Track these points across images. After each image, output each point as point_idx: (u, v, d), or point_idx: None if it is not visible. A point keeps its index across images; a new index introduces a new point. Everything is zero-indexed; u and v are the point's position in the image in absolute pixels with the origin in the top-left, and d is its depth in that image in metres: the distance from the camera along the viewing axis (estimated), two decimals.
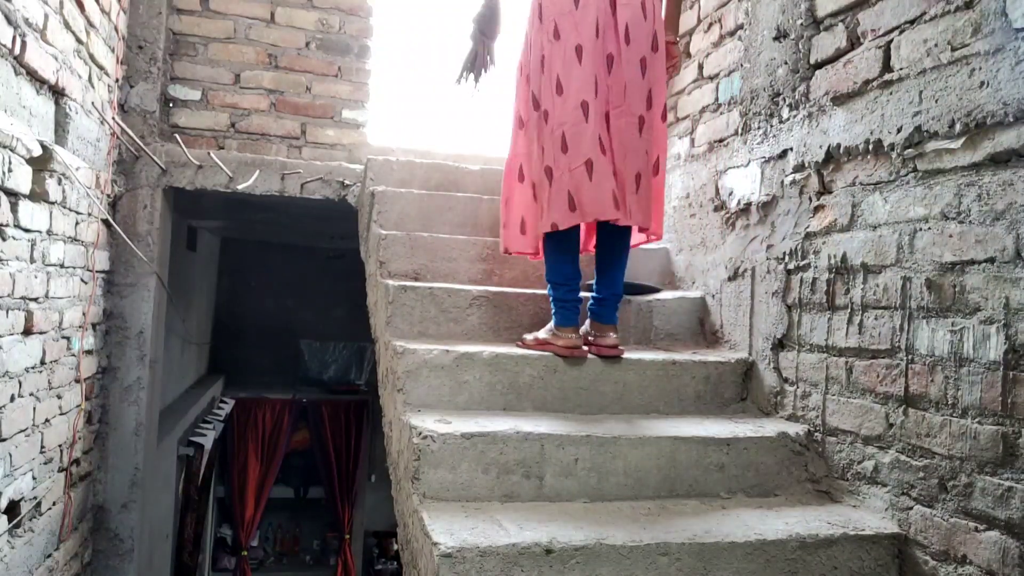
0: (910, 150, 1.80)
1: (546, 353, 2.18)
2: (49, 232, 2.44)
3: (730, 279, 2.54)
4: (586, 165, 2.14)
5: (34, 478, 2.48)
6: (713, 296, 2.65)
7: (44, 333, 2.48)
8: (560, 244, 2.24)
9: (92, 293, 2.96)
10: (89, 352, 3.00)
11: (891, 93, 1.87)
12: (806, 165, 2.18)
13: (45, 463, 2.58)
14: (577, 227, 2.24)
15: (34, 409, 2.44)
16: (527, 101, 2.28)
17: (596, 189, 2.13)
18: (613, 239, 2.31)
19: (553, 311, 2.27)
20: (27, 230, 2.26)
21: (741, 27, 2.60)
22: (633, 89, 2.21)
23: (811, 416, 2.12)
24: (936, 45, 1.74)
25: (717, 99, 2.76)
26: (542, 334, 2.27)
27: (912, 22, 1.82)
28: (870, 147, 1.92)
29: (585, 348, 2.22)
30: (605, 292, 2.30)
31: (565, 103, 2.17)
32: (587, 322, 2.32)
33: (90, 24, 2.72)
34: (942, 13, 1.73)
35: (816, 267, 2.12)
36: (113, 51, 3.09)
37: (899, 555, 1.77)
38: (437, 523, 1.63)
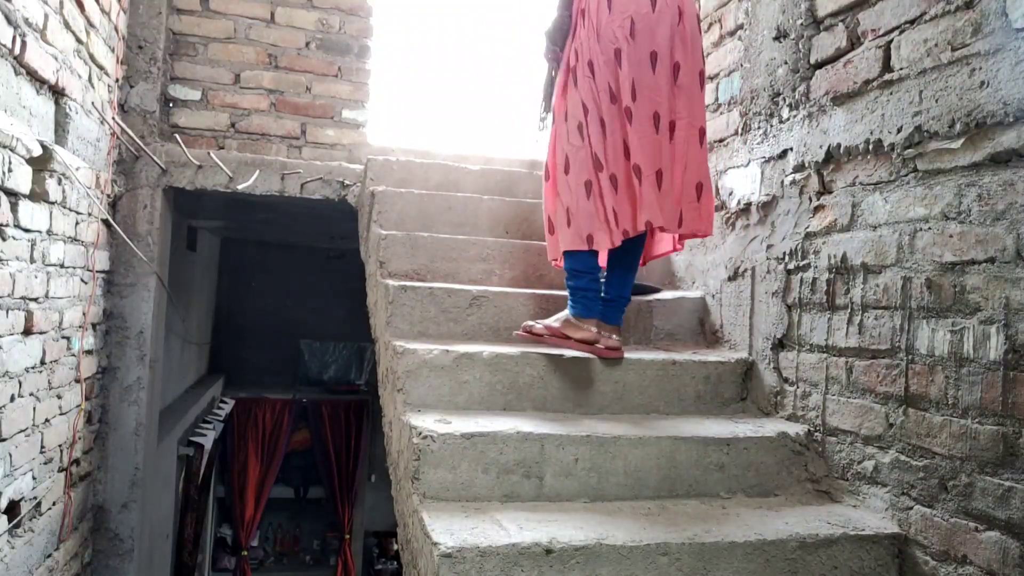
0: (910, 150, 1.80)
1: (545, 351, 2.18)
2: (49, 232, 2.44)
3: (730, 279, 2.54)
4: (656, 175, 2.11)
5: (34, 478, 2.48)
6: (713, 296, 2.65)
7: (44, 333, 2.48)
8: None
9: (92, 293, 2.96)
10: (89, 352, 3.00)
11: (891, 93, 1.87)
12: (806, 165, 2.18)
13: (45, 463, 2.58)
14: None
15: (34, 409, 2.44)
16: (598, 94, 2.15)
17: (665, 199, 2.11)
18: (630, 241, 2.23)
19: (571, 300, 2.21)
20: (27, 230, 2.26)
21: (741, 27, 2.60)
22: (696, 101, 2.19)
23: (811, 416, 2.12)
24: (936, 45, 1.74)
25: (717, 99, 2.76)
26: (555, 323, 2.19)
27: (912, 22, 1.82)
28: (870, 147, 1.92)
29: (601, 344, 2.18)
30: (613, 293, 2.27)
31: (638, 108, 2.11)
32: (570, 316, 2.26)
33: (90, 24, 2.72)
34: (942, 13, 1.73)
35: (816, 267, 2.12)
36: (113, 51, 3.09)
37: (899, 555, 1.77)
38: (437, 523, 1.63)
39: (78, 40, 2.61)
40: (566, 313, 2.21)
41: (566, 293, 2.56)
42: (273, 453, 6.92)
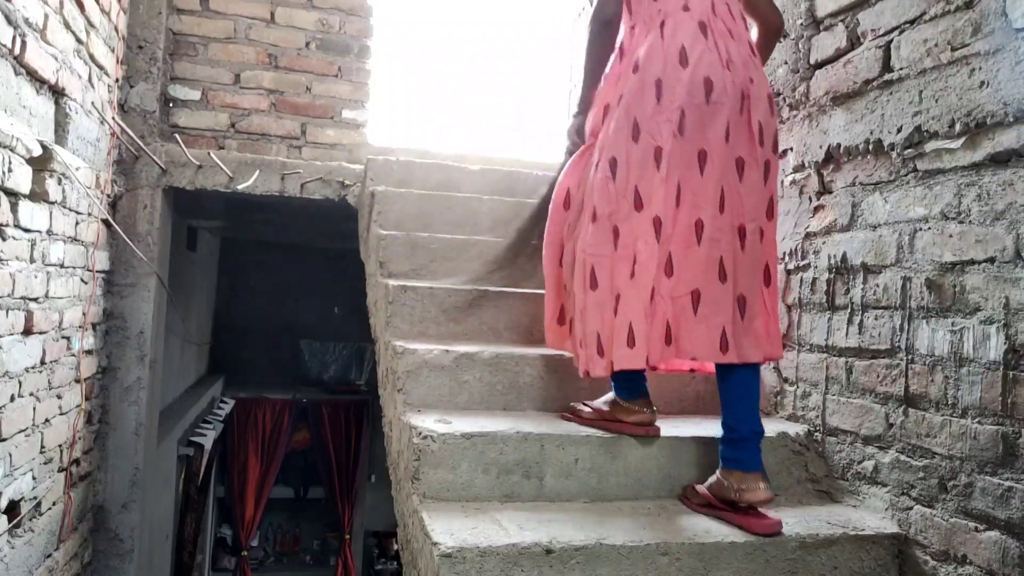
0: (910, 150, 1.80)
1: (546, 352, 2.18)
2: (49, 232, 2.44)
3: None
4: (692, 296, 1.80)
5: (34, 478, 2.47)
6: None
7: (44, 333, 2.48)
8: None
9: (92, 293, 2.96)
10: (89, 352, 3.00)
11: (891, 93, 1.87)
12: (806, 165, 2.18)
13: (45, 463, 2.58)
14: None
15: (34, 409, 2.44)
16: (619, 196, 1.80)
17: (702, 325, 1.79)
18: (743, 367, 1.84)
19: (614, 385, 1.95)
20: (27, 230, 2.26)
21: None
22: (756, 198, 1.84)
23: (811, 416, 2.12)
24: (936, 45, 1.74)
25: None
26: (604, 406, 1.94)
27: (912, 22, 1.82)
28: (870, 147, 1.92)
29: (658, 425, 1.90)
30: (746, 430, 1.78)
31: (680, 216, 1.79)
32: (717, 472, 1.80)
33: (90, 24, 2.72)
34: (942, 13, 1.73)
35: (816, 267, 2.12)
36: (113, 51, 3.09)
37: (899, 555, 1.77)
38: (437, 523, 1.63)
39: (78, 40, 2.61)
40: (611, 396, 1.95)
41: None
42: (273, 453, 6.92)
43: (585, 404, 2.01)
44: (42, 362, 2.48)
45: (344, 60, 3.86)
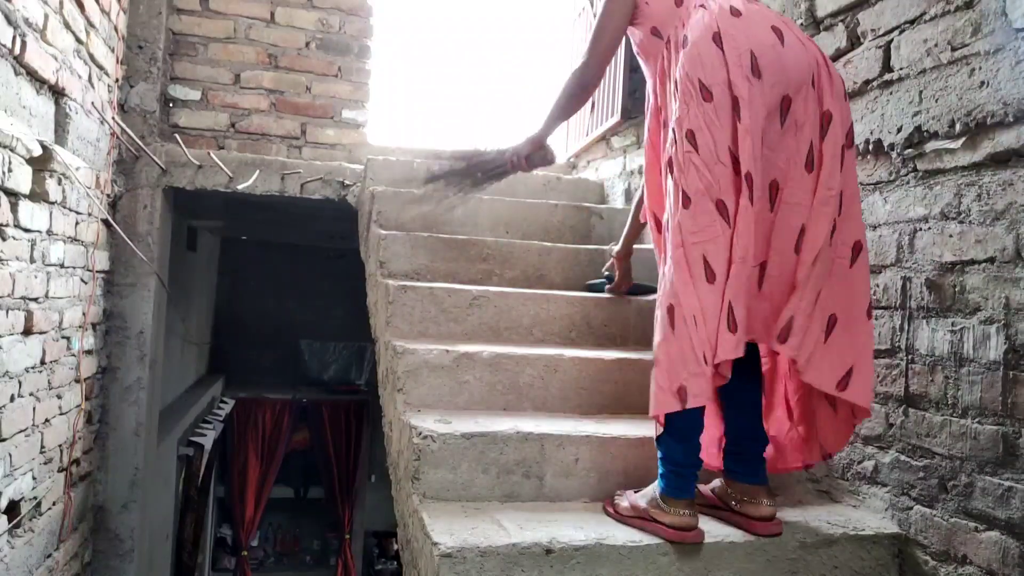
0: (910, 150, 1.80)
1: (546, 352, 2.18)
2: (49, 232, 2.44)
3: None
4: (760, 268, 1.63)
5: (34, 478, 2.47)
6: None
7: (44, 333, 2.48)
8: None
9: (92, 293, 2.96)
10: (89, 352, 3.00)
11: (891, 93, 1.87)
12: None
13: (45, 463, 2.58)
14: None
15: (34, 409, 2.44)
16: (709, 166, 1.59)
17: (762, 302, 1.62)
18: (751, 380, 1.75)
19: (661, 472, 1.66)
20: (27, 230, 2.26)
21: None
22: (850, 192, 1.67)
23: None
24: (936, 45, 1.74)
25: None
26: (641, 501, 1.68)
27: (912, 22, 1.82)
28: (870, 147, 1.92)
29: (701, 528, 1.64)
30: (748, 441, 1.72)
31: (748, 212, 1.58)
32: (717, 480, 1.76)
33: (90, 24, 2.72)
34: (942, 13, 1.73)
35: None
36: (113, 51, 3.09)
37: (899, 555, 1.77)
38: (437, 523, 1.63)
39: (78, 40, 2.61)
40: (653, 490, 1.68)
41: (566, 293, 2.57)
42: (273, 453, 6.92)
43: (625, 495, 1.76)
44: (42, 362, 2.48)
45: (344, 60, 3.86)
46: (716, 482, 1.78)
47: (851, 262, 1.65)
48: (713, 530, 1.70)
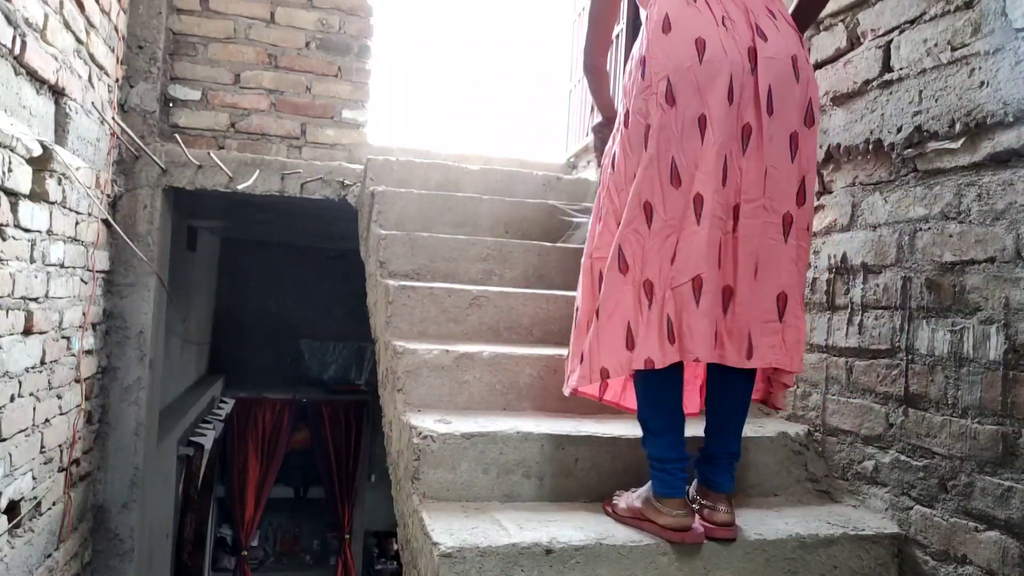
0: (910, 150, 1.80)
1: (546, 352, 2.17)
2: (49, 232, 2.44)
3: None
4: (693, 283, 1.58)
5: (34, 478, 2.48)
6: None
7: (44, 333, 2.48)
8: (660, 375, 1.62)
9: (92, 293, 2.96)
10: (89, 352, 3.00)
11: (891, 93, 1.87)
12: None
13: (45, 463, 2.58)
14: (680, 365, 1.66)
15: (34, 409, 2.44)
16: (618, 191, 1.67)
17: (703, 318, 1.58)
18: (729, 378, 1.72)
19: (651, 472, 1.68)
20: (27, 230, 2.26)
21: None
22: (778, 177, 1.62)
23: (811, 416, 2.12)
24: (936, 45, 1.74)
25: None
26: (637, 502, 1.69)
27: (912, 22, 1.82)
28: (870, 147, 1.92)
29: (698, 527, 1.64)
30: (716, 448, 1.71)
31: (678, 195, 1.59)
32: (694, 482, 1.76)
33: (90, 24, 2.72)
34: (942, 13, 1.73)
35: (816, 267, 2.12)
36: (113, 51, 3.09)
37: (899, 555, 1.77)
38: (437, 523, 1.63)
39: (78, 40, 2.61)
40: (647, 490, 1.69)
41: (566, 293, 2.57)
42: (273, 453, 6.92)
43: (622, 496, 1.78)
44: (42, 362, 2.48)
45: (344, 60, 3.86)
46: (695, 483, 1.77)
47: (785, 236, 1.65)
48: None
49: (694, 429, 1.80)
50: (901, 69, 1.84)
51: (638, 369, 1.59)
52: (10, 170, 2.07)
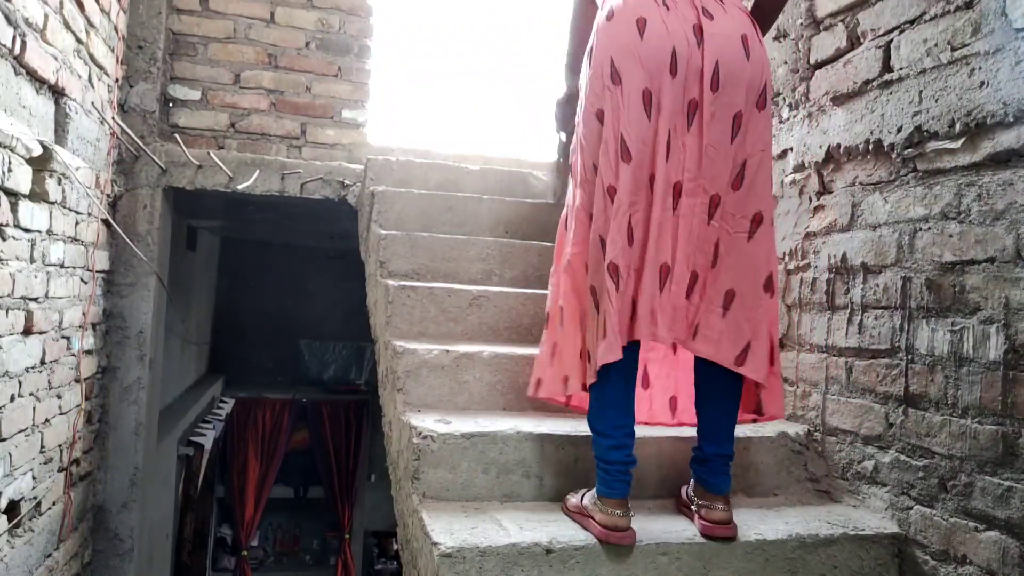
0: (910, 150, 1.80)
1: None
2: (49, 232, 2.44)
3: None
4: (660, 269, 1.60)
5: (34, 478, 2.47)
6: None
7: (44, 333, 2.48)
8: (609, 374, 1.61)
9: (92, 293, 2.96)
10: (89, 352, 3.00)
11: (891, 93, 1.87)
12: (806, 165, 2.18)
13: (45, 463, 2.58)
14: (635, 353, 1.66)
15: (34, 409, 2.44)
16: (584, 176, 1.68)
17: (650, 300, 1.59)
18: (714, 382, 1.70)
19: (597, 471, 1.67)
20: (27, 230, 2.26)
21: None
22: (715, 156, 1.60)
23: (811, 416, 2.12)
24: (936, 45, 1.74)
25: None
26: (584, 500, 1.70)
27: (912, 22, 1.82)
28: (870, 147, 1.92)
29: (632, 530, 1.61)
30: (709, 451, 1.69)
31: (628, 170, 1.59)
32: (691, 482, 1.78)
33: (90, 24, 2.72)
34: (942, 13, 1.73)
35: (816, 267, 2.12)
36: (113, 51, 3.09)
37: (899, 555, 1.77)
38: (437, 523, 1.63)
39: (78, 40, 2.61)
40: (595, 488, 1.69)
41: None
42: (273, 453, 6.92)
43: (575, 493, 1.78)
44: (42, 362, 2.48)
45: (344, 60, 3.86)
46: (691, 482, 1.78)
47: (749, 236, 1.63)
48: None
49: (690, 429, 1.81)
50: (901, 69, 1.84)
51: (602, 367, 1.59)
52: (10, 170, 2.07)
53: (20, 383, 2.31)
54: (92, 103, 2.80)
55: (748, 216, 1.64)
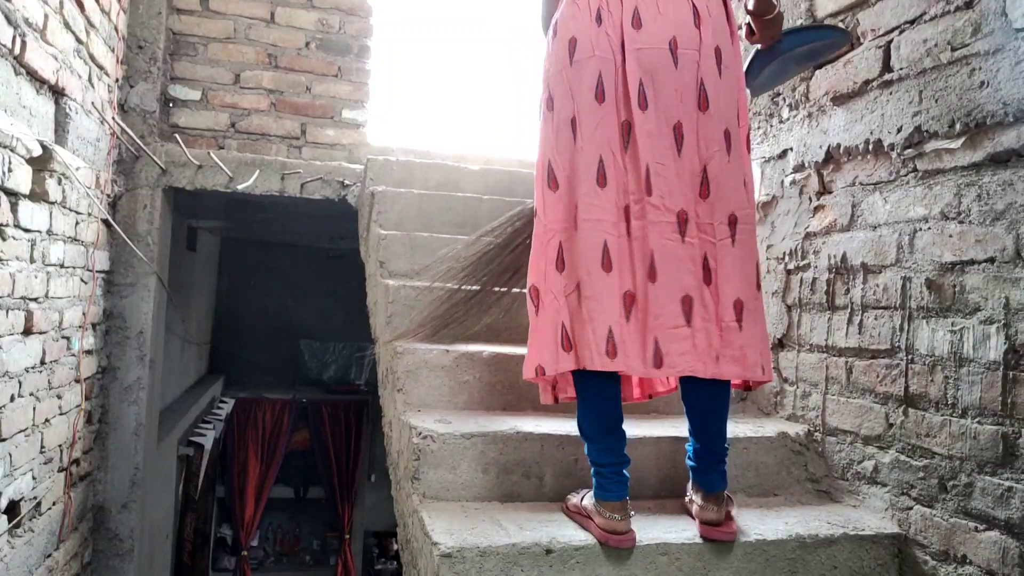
0: (910, 150, 1.80)
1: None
2: (49, 232, 2.44)
3: None
4: (578, 289, 1.57)
5: (34, 478, 2.48)
6: None
7: (44, 333, 2.48)
8: (591, 378, 1.61)
9: (92, 293, 2.96)
10: (89, 352, 3.00)
11: (891, 93, 1.87)
12: (806, 165, 2.18)
13: (45, 463, 2.58)
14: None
15: (34, 409, 2.44)
16: (543, 174, 1.65)
17: (584, 325, 1.55)
18: (696, 384, 1.66)
19: (592, 474, 1.65)
20: (27, 230, 2.26)
21: (740, 27, 2.59)
22: (664, 173, 1.58)
23: (811, 416, 2.12)
24: (936, 45, 1.74)
25: None
26: (586, 501, 1.68)
27: (912, 22, 1.82)
28: (870, 147, 1.92)
29: (631, 532, 1.60)
30: (702, 449, 1.67)
31: (555, 198, 1.59)
32: (690, 481, 1.76)
33: (90, 24, 2.72)
34: (942, 13, 1.73)
35: (816, 267, 2.12)
36: (113, 51, 3.09)
37: (899, 555, 1.77)
38: (437, 523, 1.63)
39: (78, 40, 2.61)
40: (592, 491, 1.67)
41: None
42: (273, 453, 6.92)
43: (576, 494, 1.77)
44: (42, 362, 2.48)
45: (344, 60, 3.86)
46: (690, 480, 1.76)
47: (732, 240, 1.59)
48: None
49: (681, 429, 1.79)
50: (901, 69, 1.84)
51: (572, 374, 1.59)
52: (10, 170, 2.07)
53: (20, 383, 2.31)
54: (92, 103, 2.80)
55: (724, 220, 1.59)
